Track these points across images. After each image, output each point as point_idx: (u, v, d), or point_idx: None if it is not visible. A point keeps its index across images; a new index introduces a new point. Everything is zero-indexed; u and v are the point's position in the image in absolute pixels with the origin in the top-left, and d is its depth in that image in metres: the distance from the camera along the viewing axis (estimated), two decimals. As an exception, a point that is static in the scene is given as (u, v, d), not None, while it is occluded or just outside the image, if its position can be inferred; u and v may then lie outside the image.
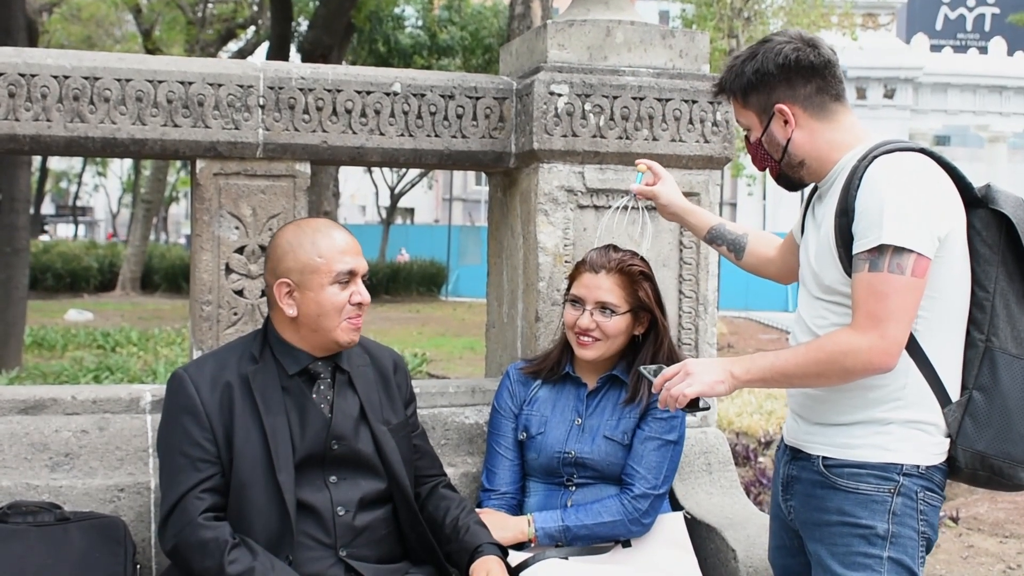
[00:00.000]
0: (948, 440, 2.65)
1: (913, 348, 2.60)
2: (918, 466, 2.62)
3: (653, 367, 2.89)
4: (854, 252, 2.55)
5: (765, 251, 3.23)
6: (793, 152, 2.74)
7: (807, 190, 2.93)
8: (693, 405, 2.69)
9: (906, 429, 2.62)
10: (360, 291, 3.01)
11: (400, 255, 35.50)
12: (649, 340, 3.43)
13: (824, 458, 2.69)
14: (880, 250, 2.49)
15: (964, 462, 2.64)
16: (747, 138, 2.85)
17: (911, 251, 2.48)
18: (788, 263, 3.14)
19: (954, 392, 2.65)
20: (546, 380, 3.50)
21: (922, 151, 2.62)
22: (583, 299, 3.35)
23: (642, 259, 3.44)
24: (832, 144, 2.72)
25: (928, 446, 2.63)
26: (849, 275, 2.59)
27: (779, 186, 2.89)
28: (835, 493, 2.66)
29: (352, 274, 2.99)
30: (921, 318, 2.58)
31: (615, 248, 3.43)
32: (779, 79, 2.69)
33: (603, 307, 3.34)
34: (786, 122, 2.71)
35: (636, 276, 3.39)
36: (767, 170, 2.86)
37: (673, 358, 3.44)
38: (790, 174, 2.80)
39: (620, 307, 3.35)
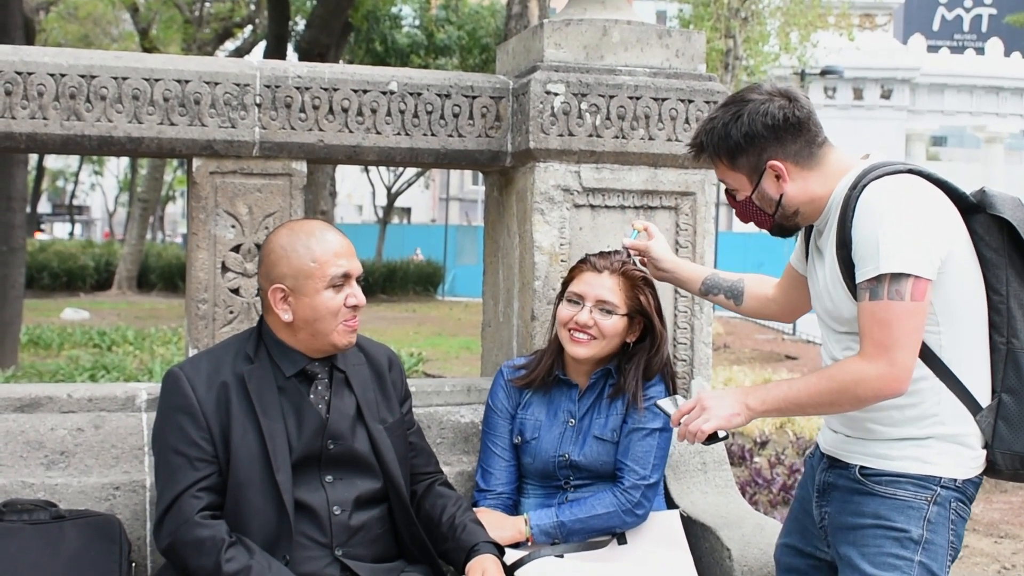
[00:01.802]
0: (984, 451, 2.67)
1: (936, 365, 2.63)
2: (955, 479, 2.64)
3: (669, 400, 2.92)
4: (856, 281, 2.58)
5: (764, 292, 3.24)
6: (787, 204, 2.75)
7: None
8: (713, 436, 2.72)
9: (945, 443, 2.64)
10: (355, 293, 2.99)
11: (415, 255, 35.11)
12: (644, 347, 3.41)
13: (862, 467, 2.71)
14: (879, 279, 2.52)
15: (1004, 464, 2.67)
16: (730, 196, 2.85)
17: (908, 275, 2.49)
18: (791, 298, 3.16)
19: (984, 399, 2.67)
20: (538, 389, 3.49)
21: (910, 171, 2.64)
22: (583, 296, 3.34)
23: (643, 267, 3.44)
24: (824, 184, 2.73)
25: (967, 460, 2.66)
26: None
27: (773, 235, 2.90)
28: (872, 499, 2.68)
29: (347, 277, 2.97)
30: (939, 334, 2.62)
31: (616, 252, 3.43)
32: (769, 139, 2.70)
33: (603, 306, 3.34)
34: (778, 177, 2.72)
35: (638, 281, 3.39)
36: (753, 223, 2.86)
37: (669, 369, 3.44)
38: (785, 223, 2.81)
39: (619, 308, 3.34)
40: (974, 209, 2.68)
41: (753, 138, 2.70)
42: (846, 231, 2.61)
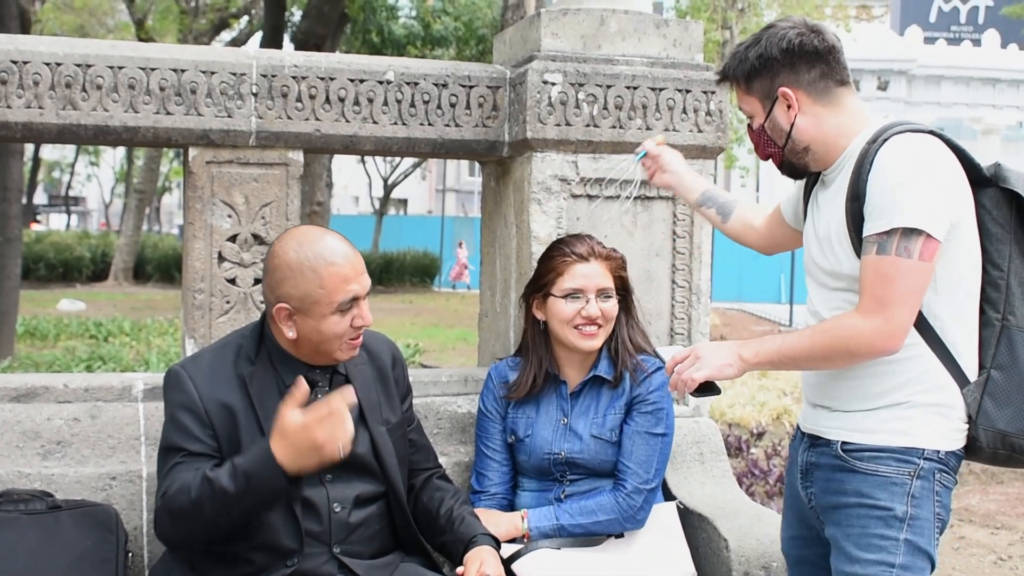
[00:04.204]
0: (967, 424, 2.63)
1: (927, 331, 2.60)
2: (938, 451, 2.61)
3: (669, 348, 2.85)
4: (864, 235, 2.55)
5: (751, 220, 3.24)
6: (797, 138, 2.72)
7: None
8: (705, 389, 2.67)
9: (928, 414, 2.61)
10: (362, 314, 2.91)
11: (460, 248, 33.89)
12: (621, 320, 3.44)
13: (843, 443, 2.68)
14: (889, 233, 2.49)
15: (985, 442, 2.62)
16: (750, 126, 2.83)
17: (920, 232, 2.47)
18: (774, 235, 3.18)
19: (971, 372, 2.64)
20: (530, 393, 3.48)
21: (931, 132, 2.61)
22: (583, 290, 3.33)
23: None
24: (839, 129, 2.70)
25: (948, 432, 2.62)
26: None
27: (783, 174, 2.87)
28: (853, 476, 2.65)
29: (355, 300, 2.89)
30: (935, 302, 2.59)
31: (583, 236, 3.45)
32: (782, 63, 2.68)
33: (603, 293, 3.35)
34: (789, 106, 2.70)
35: (620, 262, 3.43)
36: (770, 159, 2.84)
37: (644, 334, 3.48)
38: (794, 160, 2.78)
39: (613, 291, 3.38)
40: (985, 182, 2.66)
41: (767, 61, 2.69)
42: (860, 183, 2.57)
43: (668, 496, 3.61)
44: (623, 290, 3.44)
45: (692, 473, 3.76)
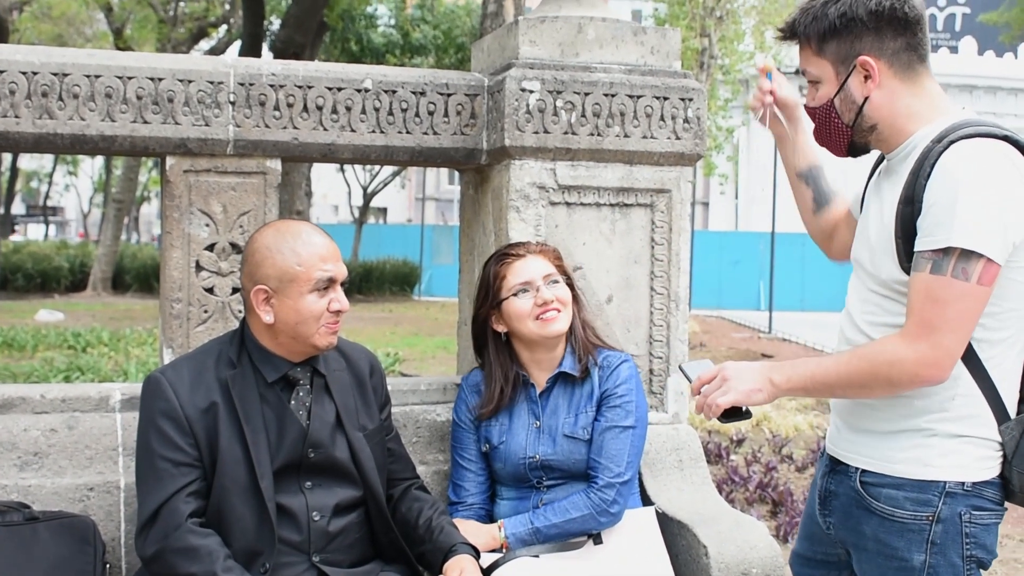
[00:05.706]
0: (1000, 455, 2.44)
1: (970, 358, 2.39)
2: (963, 483, 2.42)
3: (695, 363, 2.67)
4: (917, 249, 2.34)
5: (838, 218, 2.90)
6: (868, 114, 2.48)
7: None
8: (733, 413, 2.52)
9: (950, 443, 2.42)
10: (339, 298, 2.96)
11: None
12: (572, 311, 3.45)
13: (863, 472, 2.52)
14: (946, 252, 2.27)
15: (1019, 485, 2.42)
16: (809, 109, 2.59)
17: (981, 256, 2.26)
18: (842, 239, 2.86)
19: (1012, 408, 2.44)
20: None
21: (1006, 139, 2.38)
22: (529, 282, 3.35)
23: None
24: (911, 112, 2.47)
25: (973, 461, 2.43)
26: (905, 271, 2.39)
27: (836, 154, 2.63)
28: (871, 516, 2.50)
29: (331, 281, 2.93)
30: (985, 327, 2.38)
31: (513, 243, 3.52)
32: (868, 28, 2.42)
33: (550, 279, 3.38)
34: (867, 77, 2.46)
35: (555, 252, 3.48)
36: (831, 139, 2.59)
37: (587, 324, 3.49)
38: (857, 139, 2.54)
39: (559, 275, 3.41)
40: None
41: (850, 21, 2.42)
42: (917, 187, 2.34)
43: (647, 503, 3.61)
44: (568, 277, 3.47)
45: (671, 480, 3.76)
